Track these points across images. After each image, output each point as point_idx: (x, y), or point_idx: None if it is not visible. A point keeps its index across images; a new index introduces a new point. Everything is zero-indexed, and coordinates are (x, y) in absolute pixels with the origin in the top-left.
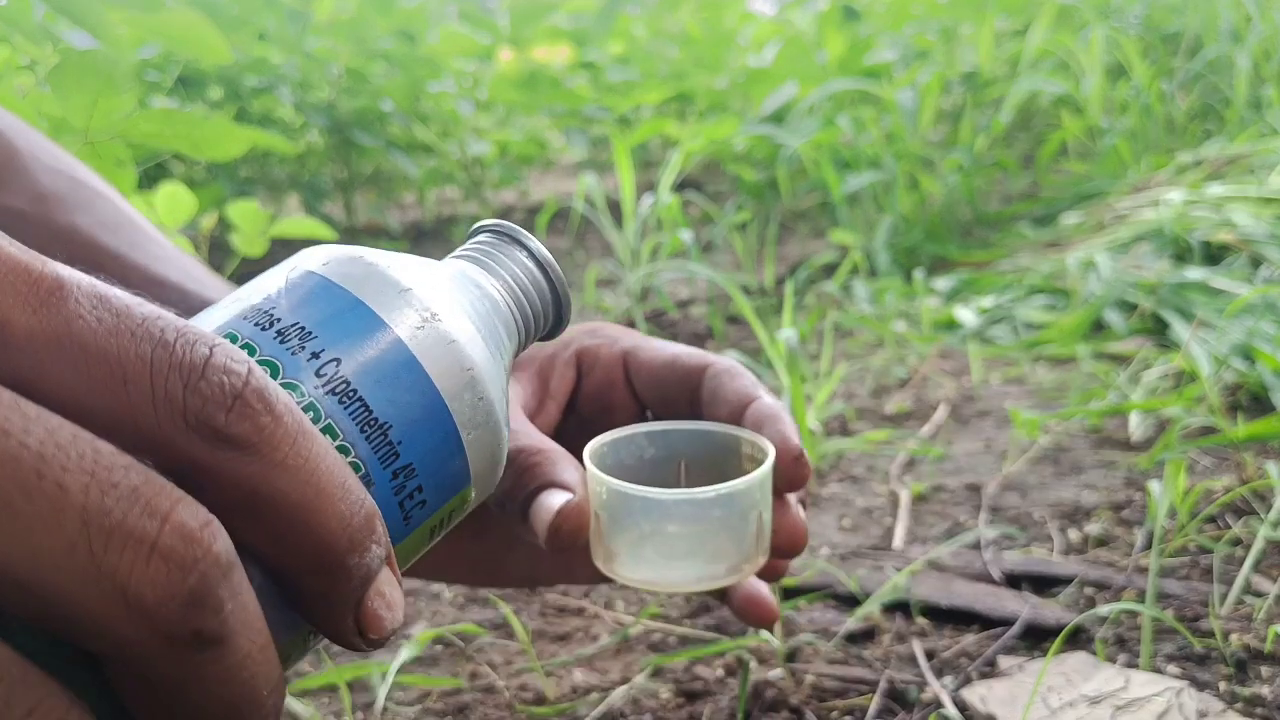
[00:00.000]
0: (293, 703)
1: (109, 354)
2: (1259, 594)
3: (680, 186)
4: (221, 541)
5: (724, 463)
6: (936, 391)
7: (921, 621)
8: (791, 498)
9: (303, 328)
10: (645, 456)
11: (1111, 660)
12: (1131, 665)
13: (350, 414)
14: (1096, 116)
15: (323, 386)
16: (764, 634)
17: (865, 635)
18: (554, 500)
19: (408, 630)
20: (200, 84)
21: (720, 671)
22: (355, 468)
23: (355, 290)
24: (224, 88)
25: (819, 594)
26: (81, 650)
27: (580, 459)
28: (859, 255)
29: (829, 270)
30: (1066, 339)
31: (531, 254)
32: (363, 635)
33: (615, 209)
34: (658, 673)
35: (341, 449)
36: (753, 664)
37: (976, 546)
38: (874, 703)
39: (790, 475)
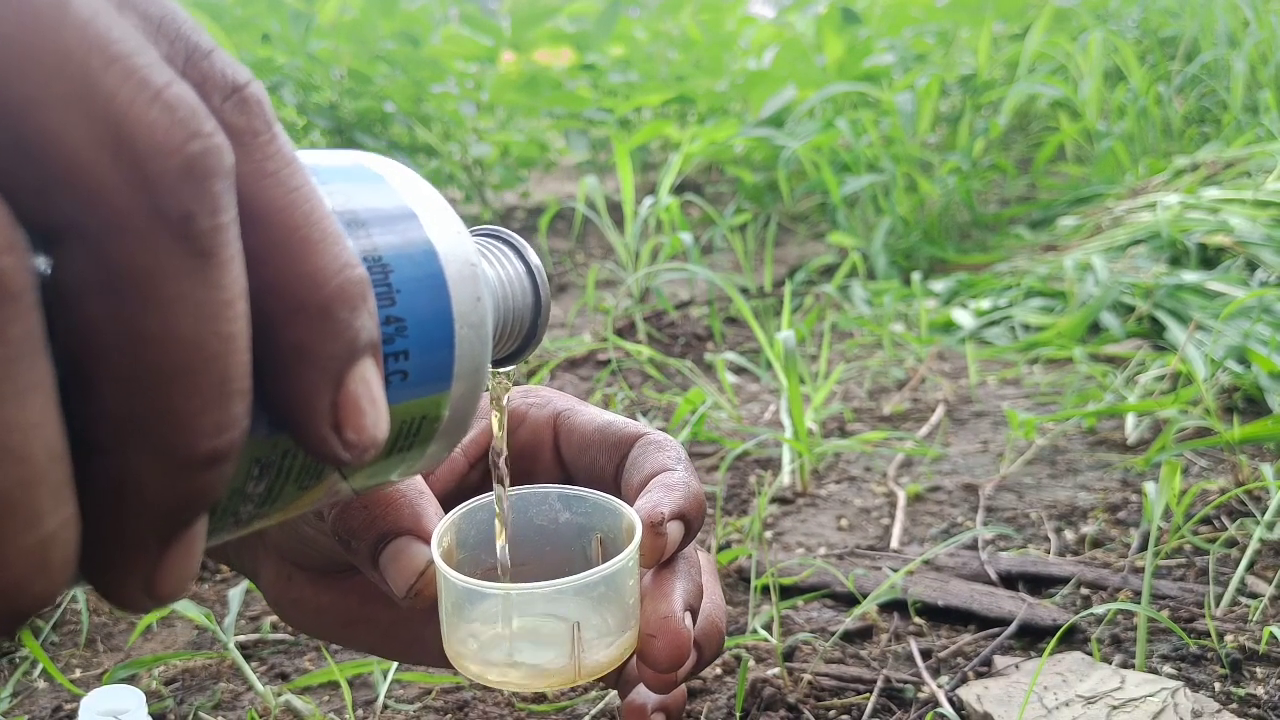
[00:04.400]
0: (294, 700)
1: None
2: (1254, 595)
3: (680, 189)
4: (227, 145)
5: (623, 541)
6: (934, 393)
7: (918, 621)
8: (676, 600)
9: (319, 171)
10: (560, 520)
11: (1107, 660)
12: (1127, 665)
13: (354, 236)
14: (1094, 120)
15: (330, 200)
16: (762, 632)
17: (862, 634)
18: (415, 557)
19: None
20: None
21: (718, 669)
22: None
23: (390, 180)
24: None
25: (816, 593)
26: (34, 235)
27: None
28: (857, 257)
29: (827, 272)
30: (1063, 341)
31: (529, 268)
32: (339, 431)
33: (616, 210)
34: None
35: None
36: (750, 662)
37: (973, 546)
38: (871, 701)
39: (646, 546)
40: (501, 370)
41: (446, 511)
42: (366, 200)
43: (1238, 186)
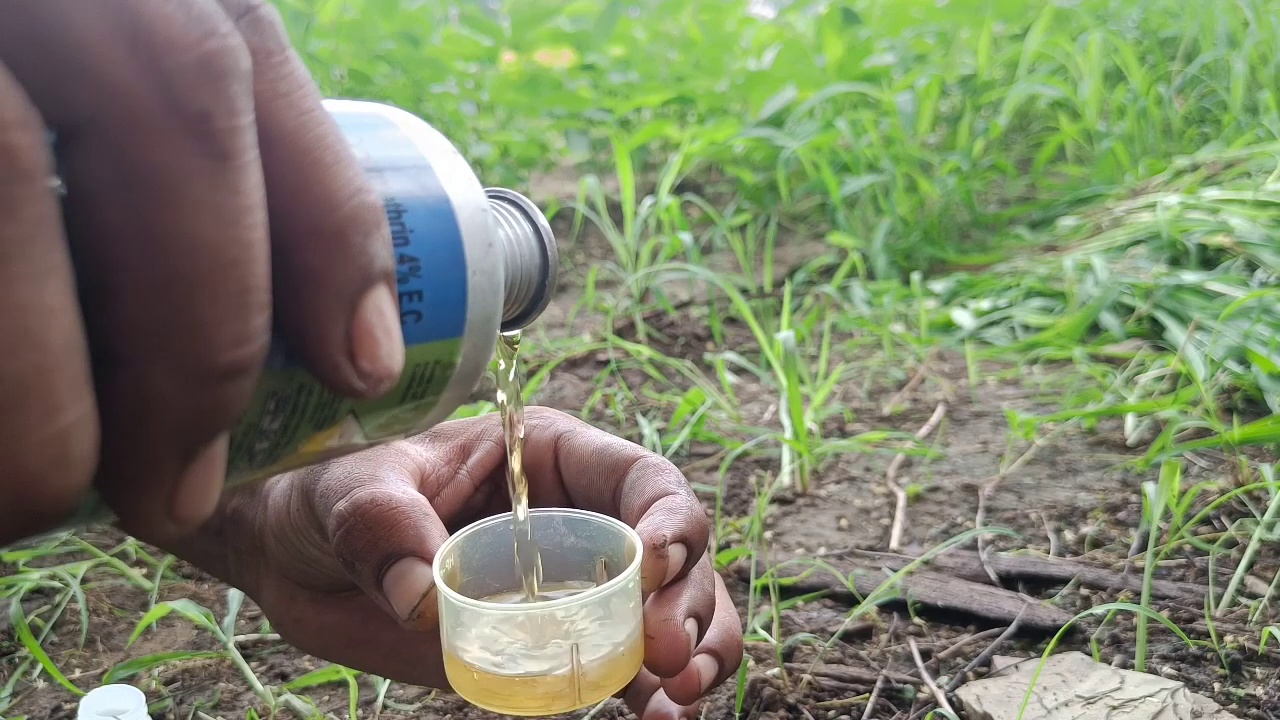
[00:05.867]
0: (293, 700)
1: None
2: (1254, 595)
3: (680, 189)
4: (244, 48)
5: (626, 564)
6: (933, 393)
7: (918, 621)
8: (680, 604)
9: (335, 118)
10: (565, 543)
11: (1106, 661)
12: (1126, 666)
13: (369, 181)
14: (1093, 120)
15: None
16: (761, 632)
17: (862, 635)
18: (418, 579)
19: None
20: None
21: None
22: None
23: (406, 130)
24: None
25: (816, 593)
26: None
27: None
28: (857, 258)
29: (827, 272)
30: (1063, 341)
31: (537, 230)
32: (353, 360)
33: (615, 211)
34: None
35: None
36: (750, 662)
37: (973, 547)
38: (870, 701)
39: (647, 569)
40: (509, 334)
41: (451, 533)
42: (381, 148)
43: (1238, 187)
